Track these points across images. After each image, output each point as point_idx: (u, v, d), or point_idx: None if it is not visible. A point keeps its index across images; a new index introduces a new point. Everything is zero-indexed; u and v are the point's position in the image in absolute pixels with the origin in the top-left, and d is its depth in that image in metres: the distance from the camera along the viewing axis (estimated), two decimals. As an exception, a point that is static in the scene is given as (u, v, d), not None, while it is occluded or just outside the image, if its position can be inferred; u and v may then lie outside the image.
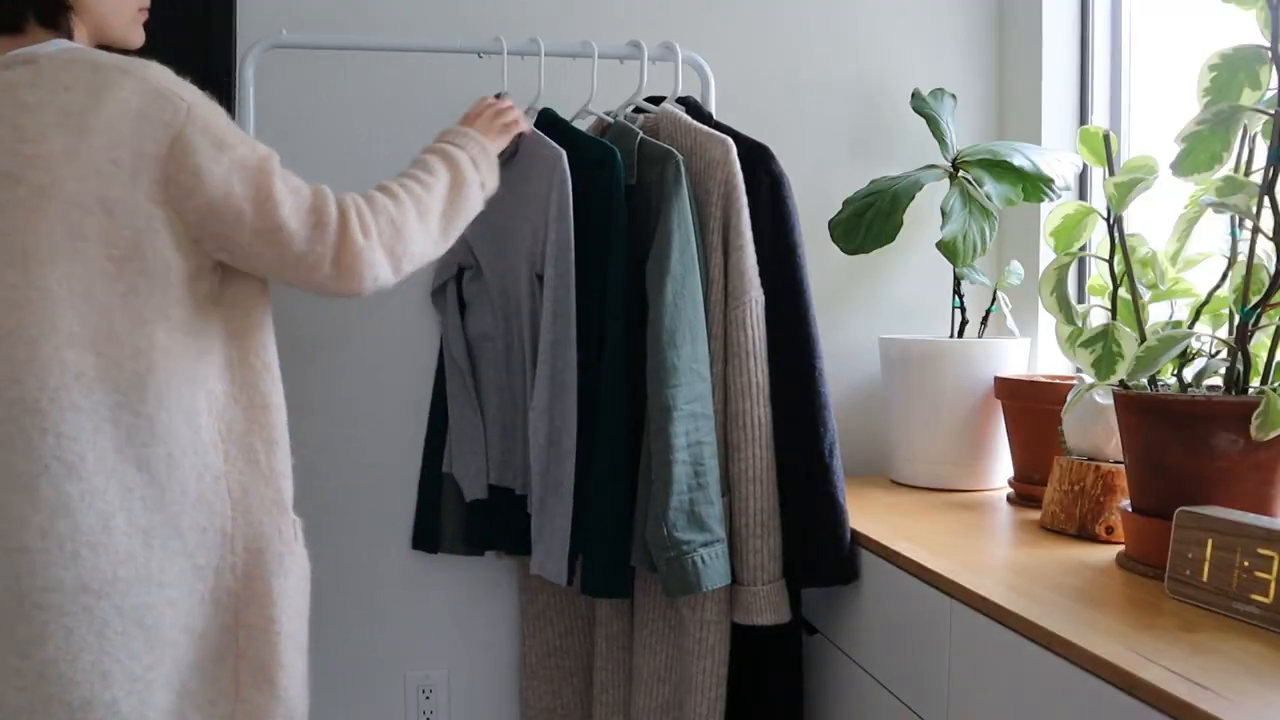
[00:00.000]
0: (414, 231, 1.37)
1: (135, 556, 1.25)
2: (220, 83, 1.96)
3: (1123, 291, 1.47)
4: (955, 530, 1.64)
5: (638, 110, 1.87)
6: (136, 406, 1.25)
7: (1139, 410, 1.38)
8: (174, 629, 1.29)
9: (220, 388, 1.33)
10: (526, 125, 1.62)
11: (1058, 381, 1.82)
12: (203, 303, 1.31)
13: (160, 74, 1.27)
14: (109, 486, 1.23)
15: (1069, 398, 1.58)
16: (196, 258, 1.29)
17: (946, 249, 1.87)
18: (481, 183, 1.50)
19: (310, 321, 2.03)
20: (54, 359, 1.20)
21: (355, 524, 2.06)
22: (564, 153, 1.65)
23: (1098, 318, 1.52)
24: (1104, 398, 1.52)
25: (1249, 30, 1.31)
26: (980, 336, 2.08)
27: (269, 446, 1.37)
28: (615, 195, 1.67)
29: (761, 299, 1.65)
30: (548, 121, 1.82)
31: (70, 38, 1.31)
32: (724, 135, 1.67)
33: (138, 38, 1.42)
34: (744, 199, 1.65)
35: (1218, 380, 1.38)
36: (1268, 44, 1.29)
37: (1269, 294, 1.31)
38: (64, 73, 1.23)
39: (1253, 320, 1.32)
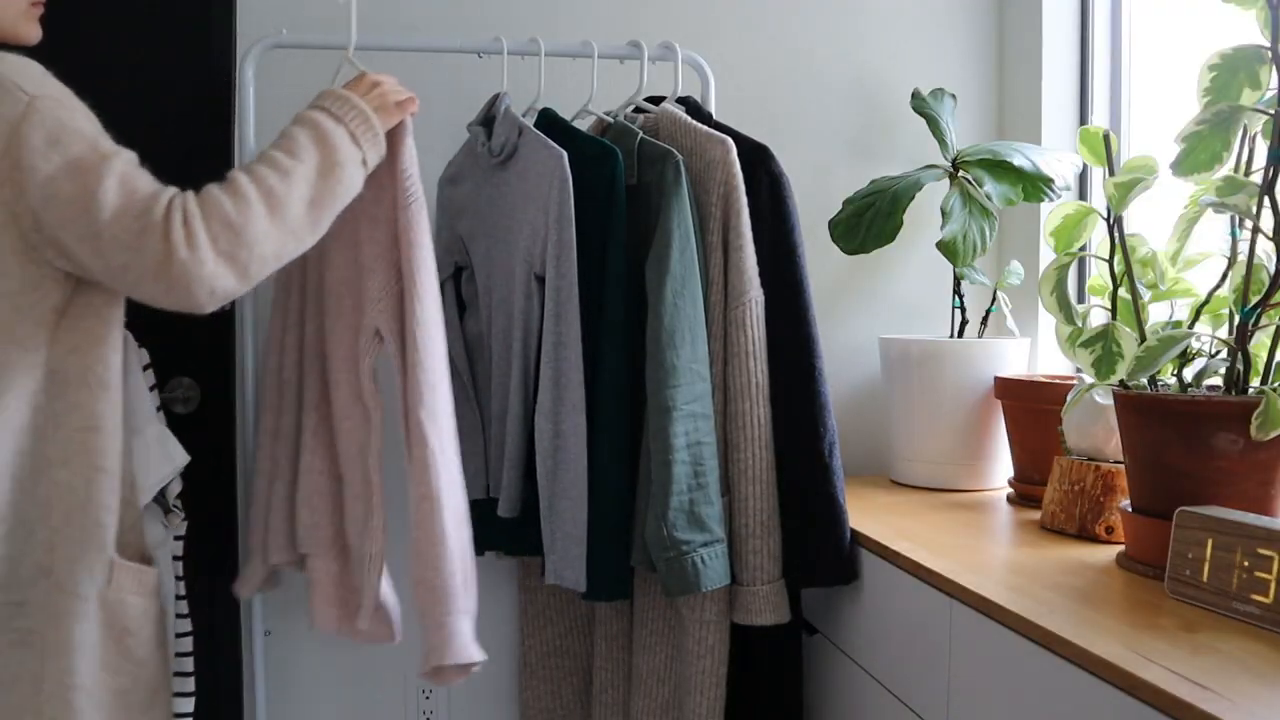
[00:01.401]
0: (260, 231, 1.22)
1: None
2: (220, 82, 1.96)
3: (1123, 291, 1.47)
4: (955, 530, 1.64)
5: (638, 110, 1.87)
6: None
7: (1139, 410, 1.38)
8: None
9: (48, 406, 1.22)
10: (415, 105, 1.44)
11: (1058, 381, 1.82)
12: (38, 314, 1.21)
13: (10, 66, 1.18)
14: None
15: (1069, 398, 1.58)
16: (36, 265, 1.20)
17: (946, 249, 1.87)
18: (363, 159, 1.34)
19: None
20: None
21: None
22: (565, 153, 1.65)
23: (1098, 318, 1.52)
24: (1104, 398, 1.52)
25: (1249, 30, 1.31)
26: (980, 336, 2.08)
27: (92, 475, 1.24)
28: (615, 195, 1.67)
29: (761, 299, 1.65)
30: (548, 121, 1.82)
31: None
32: (724, 135, 1.67)
33: (32, 33, 1.32)
34: (744, 199, 1.65)
35: (1218, 380, 1.38)
36: (1268, 44, 1.29)
37: (1269, 294, 1.31)
38: None
39: (1253, 320, 1.32)
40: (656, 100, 1.86)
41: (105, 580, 1.25)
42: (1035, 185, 1.92)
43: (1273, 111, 1.29)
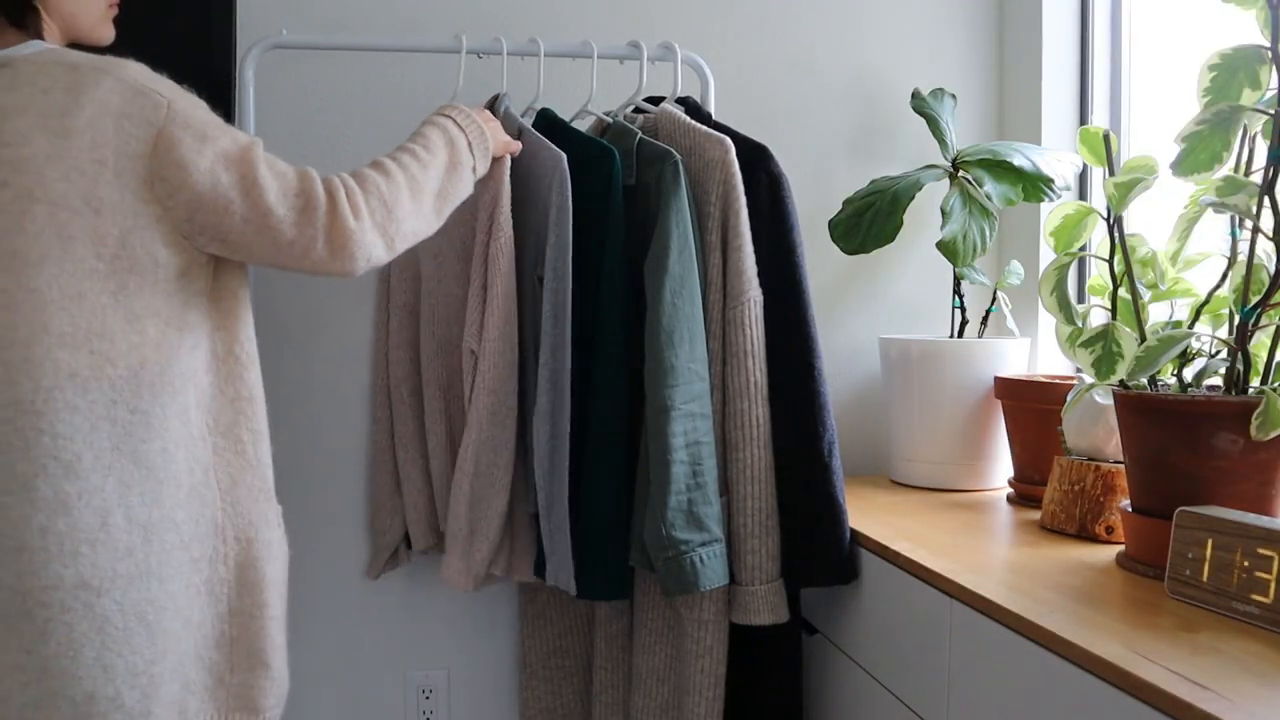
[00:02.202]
0: (406, 210, 1.39)
1: (135, 552, 1.26)
2: (220, 83, 1.96)
3: (1123, 291, 1.47)
4: (955, 530, 1.64)
5: (637, 110, 1.87)
6: (132, 403, 1.26)
7: (1139, 410, 1.38)
8: (175, 622, 1.30)
9: (208, 380, 1.35)
10: (518, 148, 1.67)
11: (1058, 381, 1.82)
12: (193, 298, 1.33)
13: (137, 71, 1.27)
14: (106, 484, 1.24)
15: (1069, 398, 1.58)
16: (187, 253, 1.30)
17: (946, 249, 1.87)
18: (474, 167, 1.53)
19: (315, 321, 2.03)
20: (46, 360, 1.21)
21: (356, 524, 2.06)
22: (564, 155, 1.65)
23: (1098, 318, 1.52)
24: (1104, 398, 1.52)
25: (1249, 30, 1.31)
26: (980, 336, 2.08)
27: (254, 437, 1.40)
28: (614, 195, 1.67)
29: (760, 299, 1.65)
30: (547, 121, 1.82)
31: (41, 37, 1.31)
32: (723, 135, 1.67)
33: (108, 33, 1.42)
34: (743, 199, 1.65)
35: (1218, 380, 1.38)
36: (1268, 44, 1.28)
37: (1269, 294, 1.31)
38: (41, 75, 1.23)
39: (1253, 320, 1.32)
40: (656, 100, 1.86)
41: (279, 525, 1.44)
42: (1035, 185, 1.92)
43: (1273, 111, 1.29)
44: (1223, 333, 1.40)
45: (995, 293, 2.07)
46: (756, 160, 1.69)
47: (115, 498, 1.24)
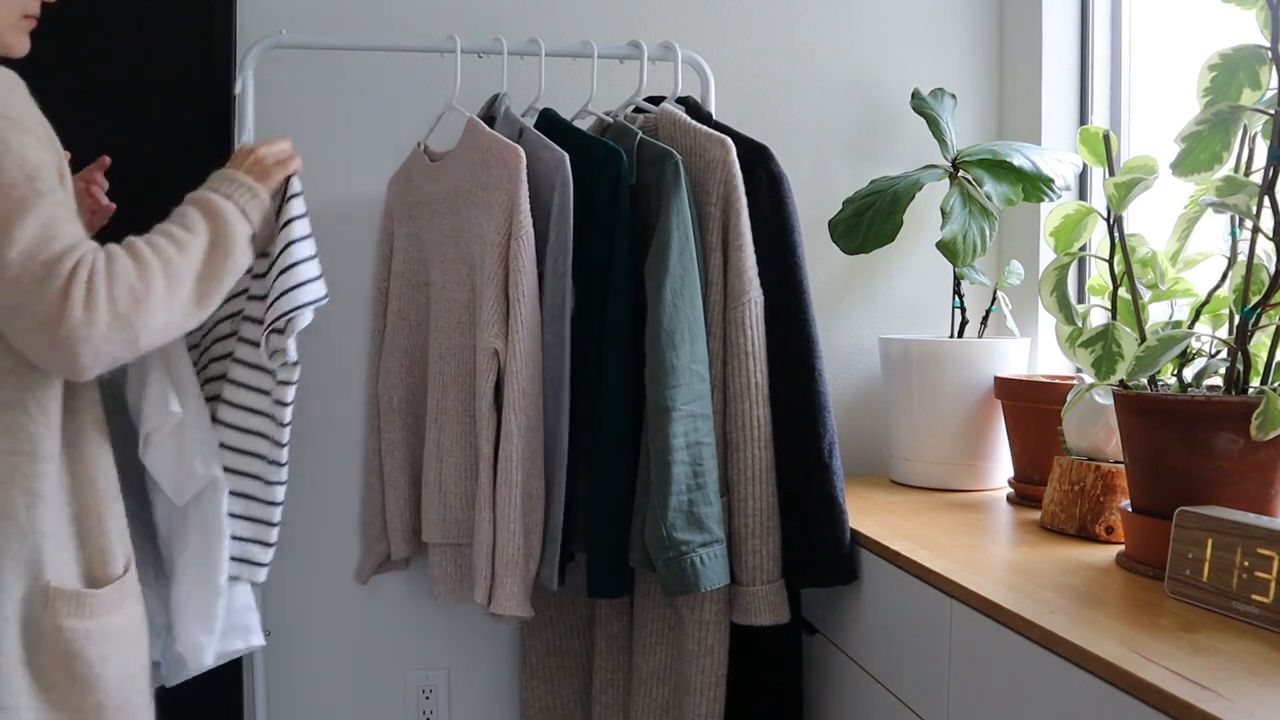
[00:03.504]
0: (158, 302, 1.19)
1: None
2: (220, 83, 1.96)
3: (1123, 291, 1.47)
4: (955, 530, 1.64)
5: (637, 110, 1.87)
6: None
7: (1139, 410, 1.38)
8: None
9: None
10: (298, 163, 1.46)
11: (1058, 381, 1.82)
12: None
13: None
14: None
15: (1069, 398, 1.58)
16: None
17: (946, 249, 1.87)
18: (251, 234, 1.34)
19: (318, 322, 2.03)
20: None
21: (356, 526, 2.06)
22: (567, 156, 1.65)
23: (1098, 318, 1.52)
24: (1104, 398, 1.52)
25: (1249, 30, 1.31)
26: (980, 336, 2.08)
27: (30, 500, 1.20)
28: (620, 196, 1.67)
29: (761, 299, 1.65)
30: (548, 122, 1.82)
31: None
32: (723, 135, 1.67)
33: (20, 44, 1.29)
34: (743, 199, 1.65)
35: (1218, 380, 1.38)
36: (1268, 44, 1.28)
37: (1269, 294, 1.31)
38: None
39: (1253, 320, 1.32)
40: (656, 100, 1.86)
41: (41, 605, 1.21)
42: (1035, 185, 1.92)
43: (1273, 111, 1.29)
44: (1223, 333, 1.40)
45: (995, 293, 2.07)
46: (757, 160, 1.69)
47: None
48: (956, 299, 2.04)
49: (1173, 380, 1.44)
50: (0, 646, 1.18)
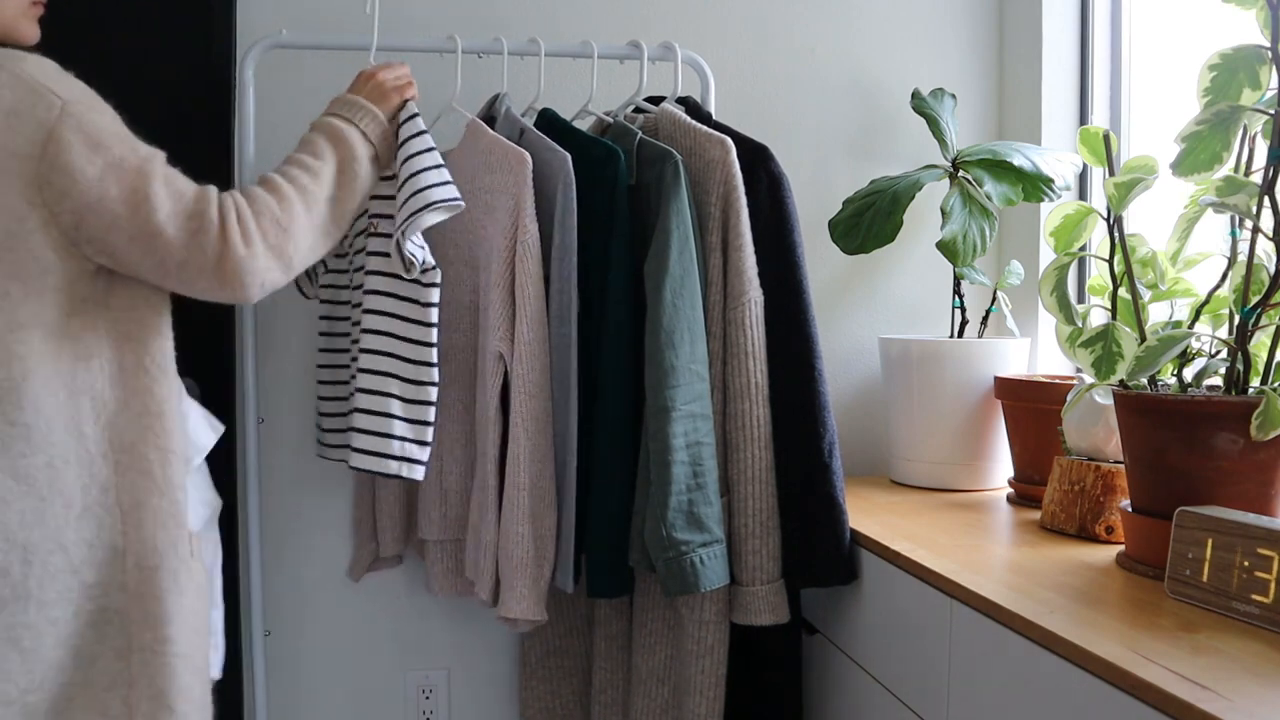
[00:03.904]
0: (302, 227, 1.32)
1: (10, 573, 1.19)
2: (220, 83, 1.96)
3: (1123, 291, 1.47)
4: (955, 530, 1.64)
5: (637, 110, 1.87)
6: (11, 415, 1.19)
7: (1139, 410, 1.38)
8: (57, 650, 1.23)
9: (110, 394, 1.27)
10: (414, 89, 1.55)
11: (1058, 381, 1.82)
12: (86, 306, 1.25)
13: (36, 68, 1.20)
14: None
15: (1069, 398, 1.58)
16: (77, 260, 1.23)
17: (946, 249, 1.87)
18: (375, 155, 1.46)
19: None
20: None
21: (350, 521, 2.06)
22: (569, 156, 1.65)
23: (1098, 318, 1.52)
24: (1104, 398, 1.52)
25: (1249, 30, 1.31)
26: (980, 336, 2.08)
27: (163, 456, 1.29)
28: (618, 196, 1.67)
29: (760, 299, 1.65)
30: (548, 121, 1.82)
31: None
32: (723, 135, 1.67)
33: (30, 32, 1.33)
34: (743, 199, 1.65)
35: (1218, 380, 1.38)
36: (1268, 44, 1.28)
37: (1269, 294, 1.31)
38: None
39: (1253, 320, 1.32)
40: (656, 100, 1.86)
41: (193, 553, 1.32)
42: (1035, 185, 1.92)
43: (1273, 111, 1.29)
44: (1223, 333, 1.40)
45: (995, 293, 2.07)
46: (757, 160, 1.69)
47: None
48: (956, 299, 2.04)
49: (1173, 380, 1.44)
50: (163, 584, 1.28)
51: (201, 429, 1.43)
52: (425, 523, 1.84)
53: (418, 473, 1.57)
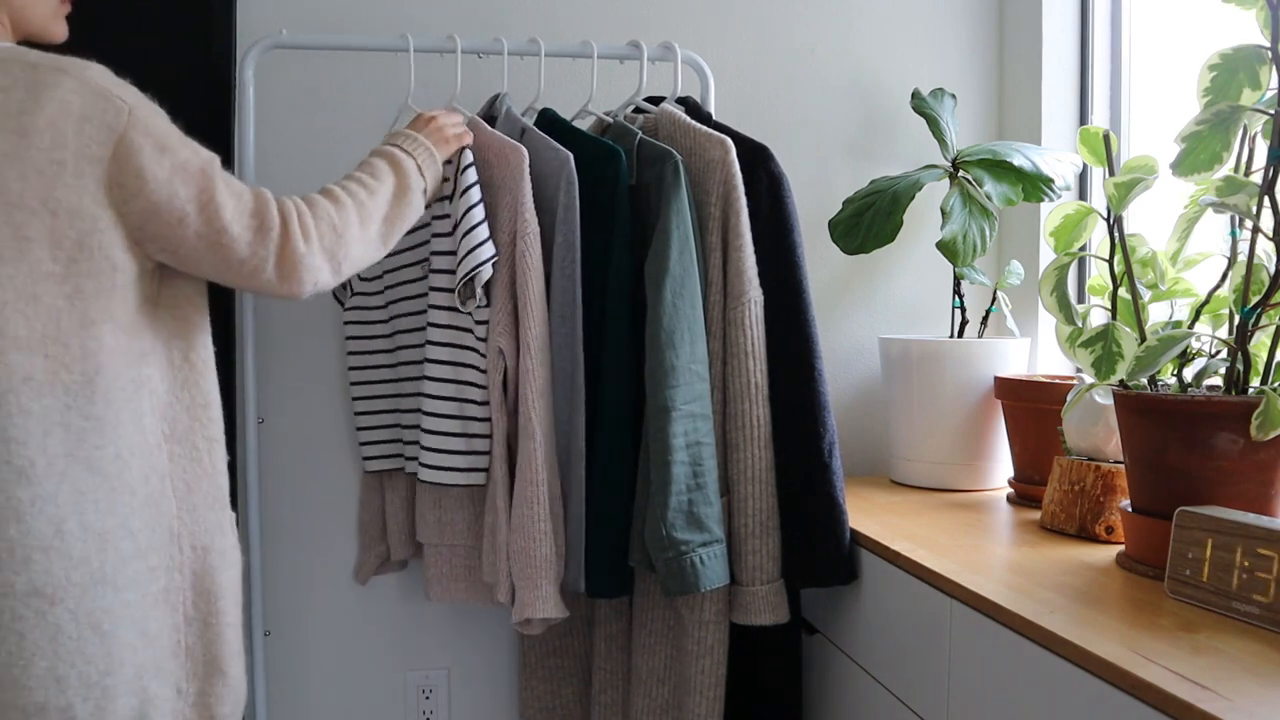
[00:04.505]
0: (354, 236, 1.40)
1: (89, 560, 1.24)
2: (220, 83, 1.96)
3: (1123, 291, 1.47)
4: (955, 530, 1.64)
5: (637, 110, 1.87)
6: (86, 409, 1.24)
7: (1139, 410, 1.38)
8: (131, 632, 1.28)
9: (163, 387, 1.34)
10: (470, 138, 1.65)
11: (1058, 381, 1.82)
12: (145, 304, 1.31)
13: (100, 74, 1.25)
14: (60, 490, 1.22)
15: (1069, 398, 1.58)
16: (139, 258, 1.29)
17: (946, 249, 1.87)
18: (425, 189, 1.54)
19: (331, 321, 2.03)
20: (1, 363, 1.20)
21: (355, 524, 2.06)
22: (571, 155, 1.66)
23: (1098, 318, 1.52)
24: (1104, 398, 1.52)
25: (1249, 30, 1.31)
26: (980, 336, 2.08)
27: (210, 444, 1.38)
28: (619, 196, 1.67)
29: (760, 299, 1.65)
30: (548, 121, 1.82)
31: None
32: (723, 135, 1.67)
33: (60, 31, 1.40)
34: (743, 199, 1.65)
35: (1218, 380, 1.38)
36: (1268, 44, 1.28)
37: (1269, 294, 1.31)
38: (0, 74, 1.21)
39: (1253, 320, 1.32)
40: (656, 100, 1.86)
41: (233, 531, 1.42)
42: (1035, 185, 1.92)
43: (1273, 111, 1.29)
44: (1223, 333, 1.40)
45: (995, 293, 2.07)
46: (757, 160, 1.69)
47: (69, 504, 1.22)
48: (956, 299, 2.04)
49: (1173, 380, 1.44)
50: (214, 562, 1.37)
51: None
52: (422, 525, 1.84)
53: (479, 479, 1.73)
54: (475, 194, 1.64)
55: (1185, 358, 1.44)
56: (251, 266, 1.32)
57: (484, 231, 1.64)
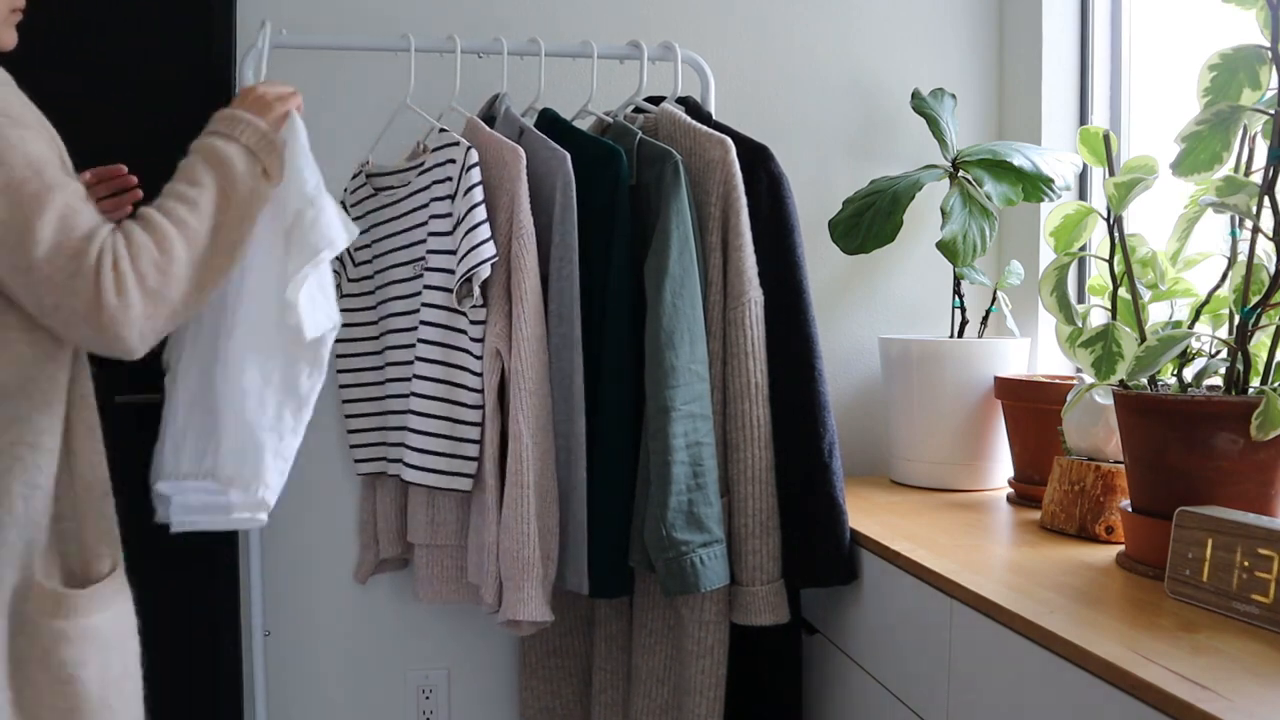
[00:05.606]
0: (183, 267, 1.20)
1: None
2: (220, 83, 1.96)
3: (1123, 291, 1.47)
4: (955, 530, 1.64)
5: (637, 110, 1.87)
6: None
7: (1139, 410, 1.38)
8: None
9: None
10: (299, 99, 1.40)
11: (1058, 381, 1.82)
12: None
13: None
14: None
15: (1069, 398, 1.58)
16: None
17: (946, 249, 1.87)
18: (264, 169, 1.30)
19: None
20: None
21: (355, 524, 2.06)
22: (568, 155, 1.66)
23: (1098, 318, 1.52)
24: (1104, 398, 1.52)
25: (1249, 30, 1.31)
26: (980, 336, 2.08)
27: (29, 492, 1.20)
28: (619, 196, 1.67)
29: (760, 299, 1.65)
30: (548, 121, 1.82)
31: None
32: (723, 135, 1.67)
33: (9, 38, 1.28)
34: (743, 199, 1.65)
35: (1218, 380, 1.38)
36: (1268, 44, 1.28)
37: (1269, 294, 1.31)
38: None
39: (1253, 320, 1.32)
40: (656, 100, 1.86)
41: (25, 599, 1.20)
42: (1035, 185, 1.92)
43: (1273, 111, 1.29)
44: (1223, 333, 1.40)
45: (995, 293, 2.07)
46: (757, 160, 1.69)
47: None
48: (956, 299, 2.04)
49: (1173, 380, 1.44)
50: None
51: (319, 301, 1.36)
52: (413, 525, 1.84)
53: (466, 485, 1.72)
54: (479, 194, 1.63)
55: (1185, 358, 1.44)
56: (64, 315, 1.14)
57: (486, 231, 1.63)
